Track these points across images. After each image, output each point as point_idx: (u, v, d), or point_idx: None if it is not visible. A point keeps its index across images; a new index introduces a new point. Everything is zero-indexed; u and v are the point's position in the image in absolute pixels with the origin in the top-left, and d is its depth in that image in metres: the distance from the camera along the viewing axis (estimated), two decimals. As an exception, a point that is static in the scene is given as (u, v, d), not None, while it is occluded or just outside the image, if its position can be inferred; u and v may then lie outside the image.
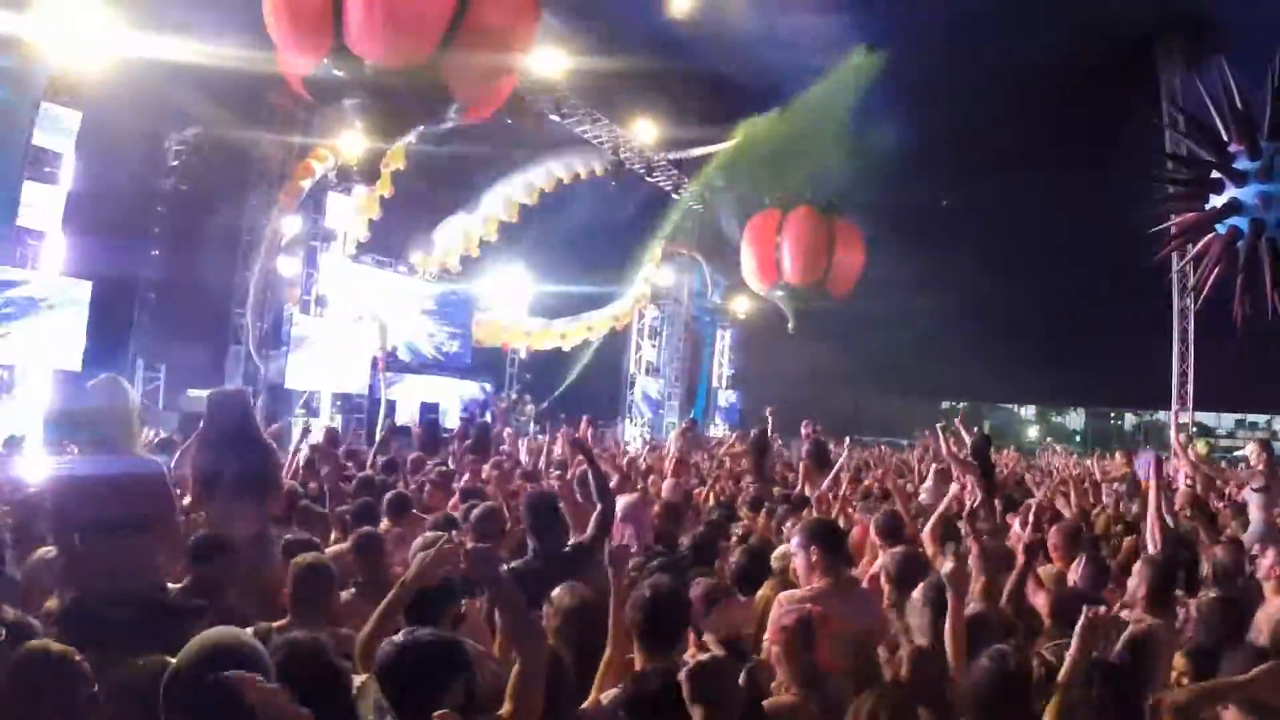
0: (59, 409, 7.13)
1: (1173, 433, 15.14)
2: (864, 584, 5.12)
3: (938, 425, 10.57)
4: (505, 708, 3.00)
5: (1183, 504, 9.30)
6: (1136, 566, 5.00)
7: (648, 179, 25.39)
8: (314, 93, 10.99)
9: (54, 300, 12.86)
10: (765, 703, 3.65)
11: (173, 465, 5.83)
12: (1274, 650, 3.98)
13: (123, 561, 4.25)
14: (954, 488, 6.35)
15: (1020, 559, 4.85)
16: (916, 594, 4.26)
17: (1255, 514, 8.30)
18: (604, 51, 16.13)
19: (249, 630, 2.72)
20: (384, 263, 19.48)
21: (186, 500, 5.40)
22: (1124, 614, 4.58)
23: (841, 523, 6.39)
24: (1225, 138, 9.14)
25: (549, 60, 15.19)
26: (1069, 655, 3.24)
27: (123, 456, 4.49)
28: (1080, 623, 3.24)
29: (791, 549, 4.85)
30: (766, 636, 4.21)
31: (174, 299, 13.62)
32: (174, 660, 2.32)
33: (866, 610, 4.51)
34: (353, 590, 4.72)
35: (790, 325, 20.63)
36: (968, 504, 6.70)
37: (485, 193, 20.91)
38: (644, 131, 19.87)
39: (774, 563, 5.34)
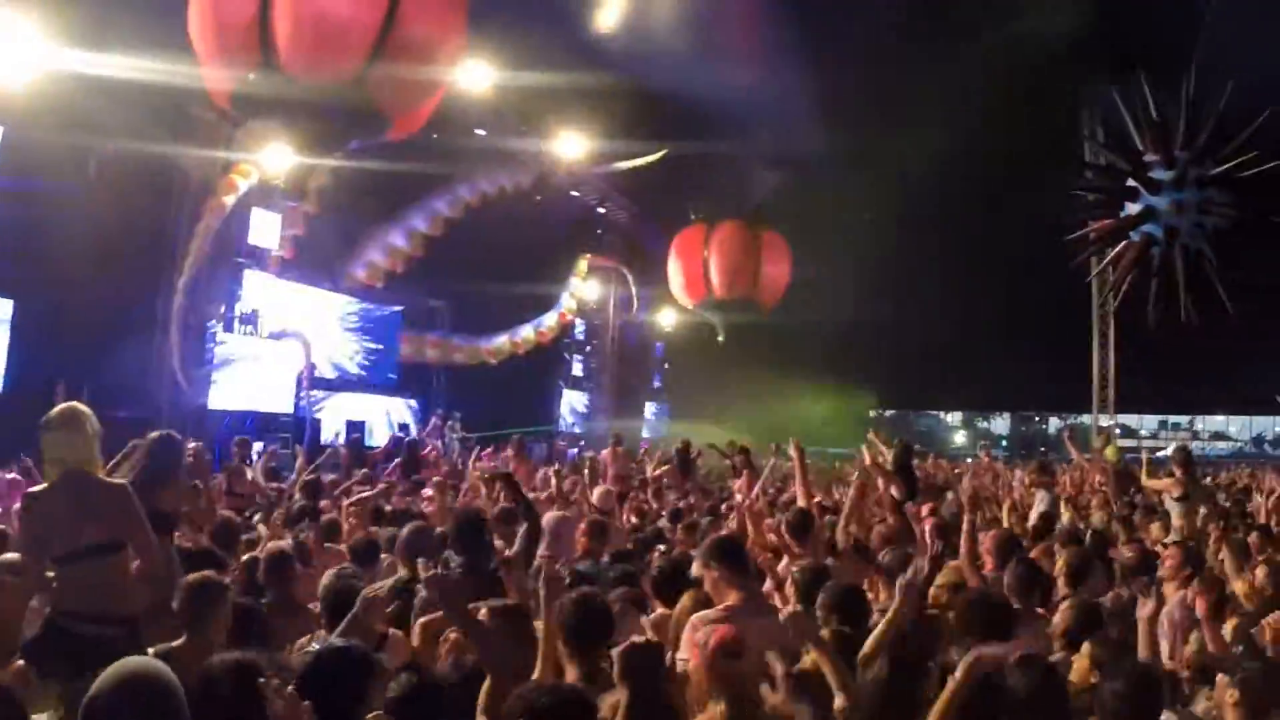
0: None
1: (1068, 447, 15.64)
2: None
3: (866, 439, 10.78)
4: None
5: (1100, 505, 9.65)
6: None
7: (574, 193, 25.46)
8: (240, 108, 10.85)
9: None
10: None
11: None
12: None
13: (98, 584, 4.34)
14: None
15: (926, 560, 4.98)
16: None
17: (1176, 522, 8.60)
18: (531, 65, 16.14)
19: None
20: (308, 279, 19.18)
21: None
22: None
23: (753, 534, 6.49)
24: (1141, 148, 9.54)
25: (475, 74, 15.14)
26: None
27: (93, 483, 4.53)
28: None
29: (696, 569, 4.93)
30: (681, 654, 4.25)
31: (96, 318, 13.26)
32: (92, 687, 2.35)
33: (778, 624, 4.54)
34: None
35: (719, 338, 20.83)
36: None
37: (411, 208, 20.73)
38: (571, 146, 19.90)
39: (695, 573, 5.36)
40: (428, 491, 9.01)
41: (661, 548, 6.76)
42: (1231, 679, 3.46)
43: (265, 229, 17.02)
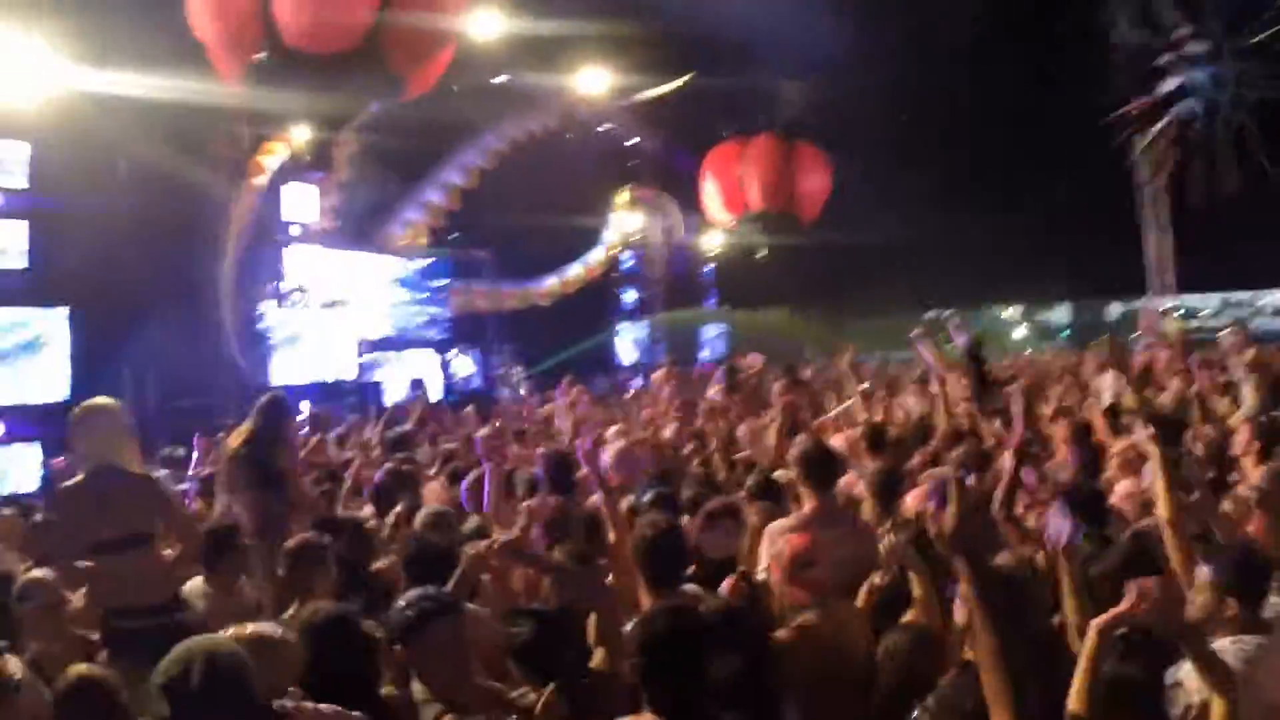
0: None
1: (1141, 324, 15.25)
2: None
3: (916, 334, 10.56)
4: (598, 654, 3.40)
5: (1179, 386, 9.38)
6: None
7: (603, 128, 25.18)
8: (255, 89, 10.88)
9: (33, 333, 12.88)
10: (778, 634, 3.74)
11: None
12: None
13: (126, 577, 4.49)
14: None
15: (1009, 464, 4.84)
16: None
17: (1252, 399, 8.30)
18: (541, 12, 15.88)
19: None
20: (351, 246, 19.35)
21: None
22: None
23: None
24: (1174, 23, 9.16)
25: (484, 23, 14.93)
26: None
27: (121, 475, 4.67)
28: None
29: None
30: (761, 565, 4.32)
31: (149, 315, 13.54)
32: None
33: (853, 534, 4.58)
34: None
35: (761, 254, 20.58)
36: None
37: (443, 163, 20.71)
38: (593, 82, 19.62)
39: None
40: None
41: None
42: None
43: (301, 203, 17.15)
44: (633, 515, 4.89)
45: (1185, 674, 3.03)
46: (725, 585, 4.01)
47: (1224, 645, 3.11)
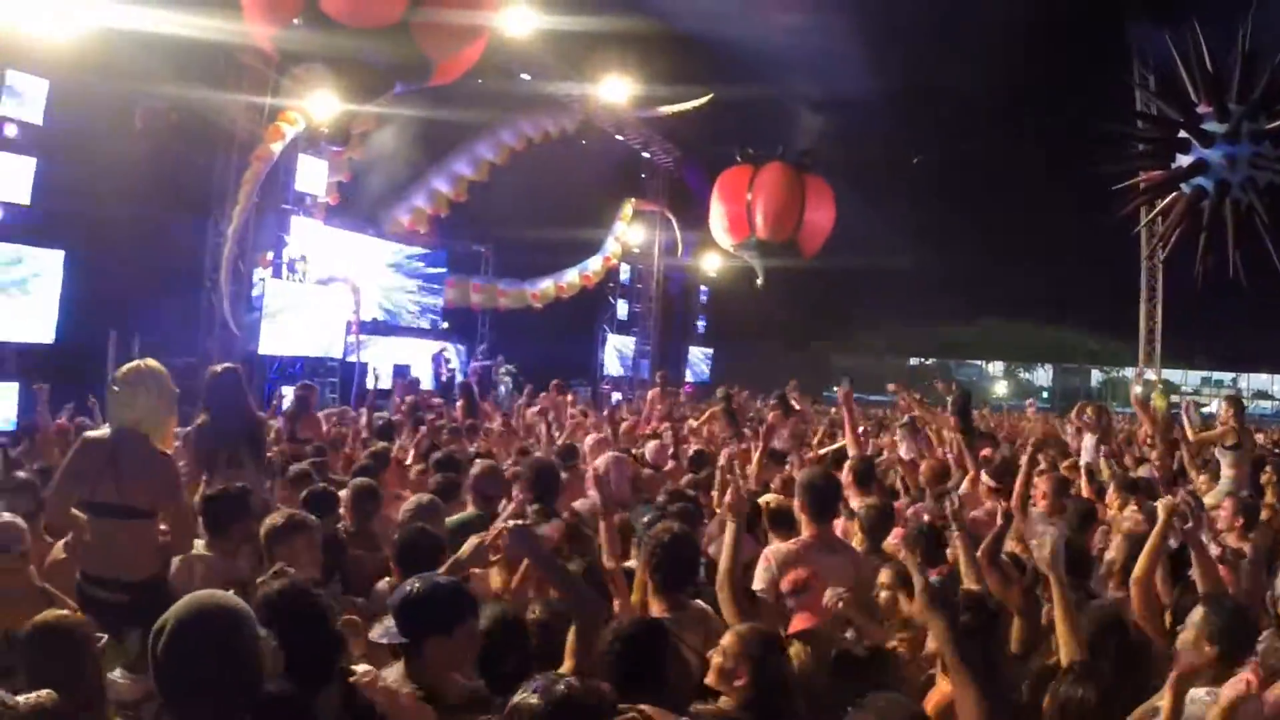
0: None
1: (1133, 390, 15.43)
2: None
3: (893, 386, 10.78)
4: (567, 664, 3.28)
5: (1158, 457, 9.52)
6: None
7: (618, 137, 25.33)
8: (285, 55, 10.93)
9: (27, 271, 12.75)
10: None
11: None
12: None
13: (111, 546, 4.39)
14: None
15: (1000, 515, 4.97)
16: None
17: (1227, 471, 8.48)
18: (575, 10, 16.02)
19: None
20: (354, 225, 19.36)
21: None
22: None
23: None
24: (1194, 99, 9.30)
25: (518, 19, 15.05)
26: None
27: (141, 447, 4.55)
28: None
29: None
30: (757, 585, 4.39)
31: (146, 268, 13.46)
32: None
33: (852, 562, 4.68)
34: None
35: (759, 281, 20.67)
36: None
37: (455, 153, 20.76)
38: (614, 90, 19.76)
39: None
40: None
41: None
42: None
43: (312, 176, 17.12)
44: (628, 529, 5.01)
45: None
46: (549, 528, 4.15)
47: (1198, 694, 3.19)
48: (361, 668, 2.98)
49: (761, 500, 5.70)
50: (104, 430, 4.67)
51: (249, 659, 2.37)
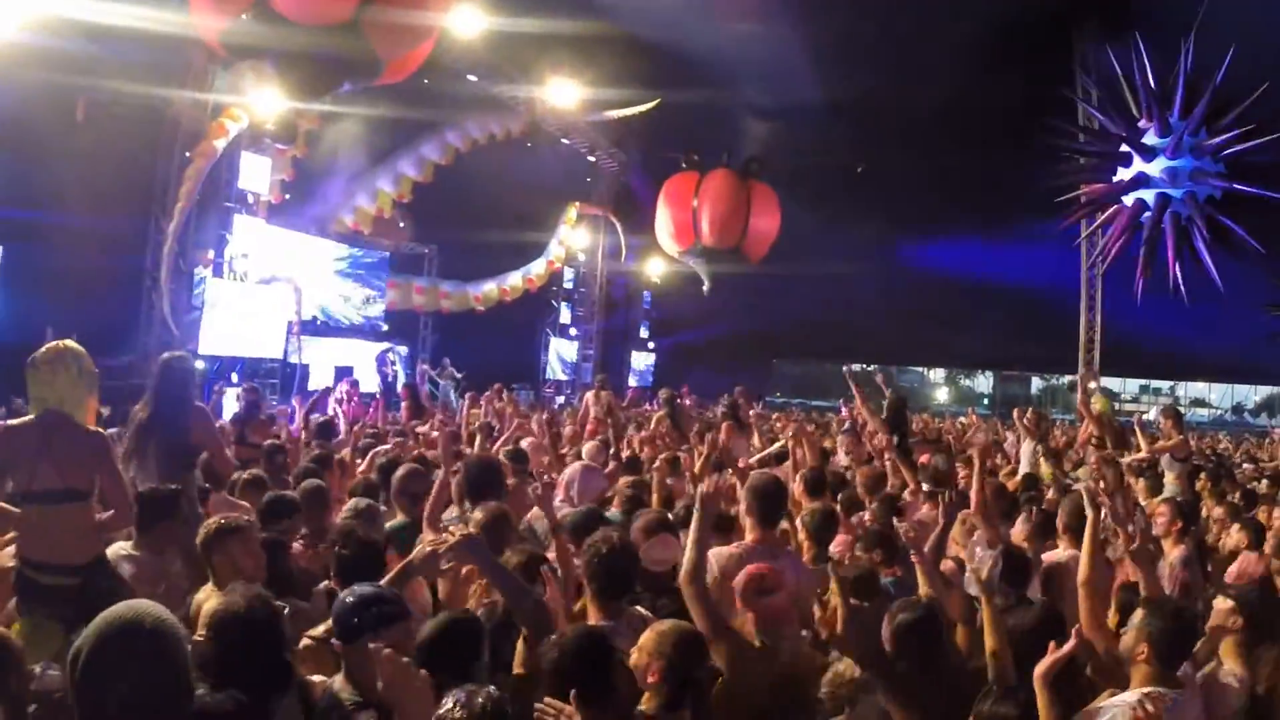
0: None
1: (1078, 394, 15.76)
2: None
3: (848, 375, 10.93)
4: (517, 669, 3.34)
5: (1095, 462, 9.75)
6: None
7: (564, 141, 25.27)
8: (231, 51, 10.72)
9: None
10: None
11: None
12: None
13: (52, 529, 4.29)
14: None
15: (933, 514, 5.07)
16: None
17: (1173, 484, 8.66)
18: (523, 12, 15.96)
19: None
20: (297, 224, 19.07)
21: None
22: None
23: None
24: (1137, 113, 9.55)
25: (467, 20, 14.95)
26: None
27: (69, 427, 4.45)
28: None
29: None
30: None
31: (84, 263, 13.14)
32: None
33: (792, 565, 4.70)
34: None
35: (705, 288, 20.77)
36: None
37: (400, 154, 20.57)
38: (562, 93, 19.73)
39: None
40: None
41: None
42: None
43: (255, 173, 16.82)
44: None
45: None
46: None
47: (1125, 698, 3.29)
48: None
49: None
50: (26, 418, 4.53)
51: (176, 673, 2.21)
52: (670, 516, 5.36)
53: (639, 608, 4.05)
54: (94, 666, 2.12)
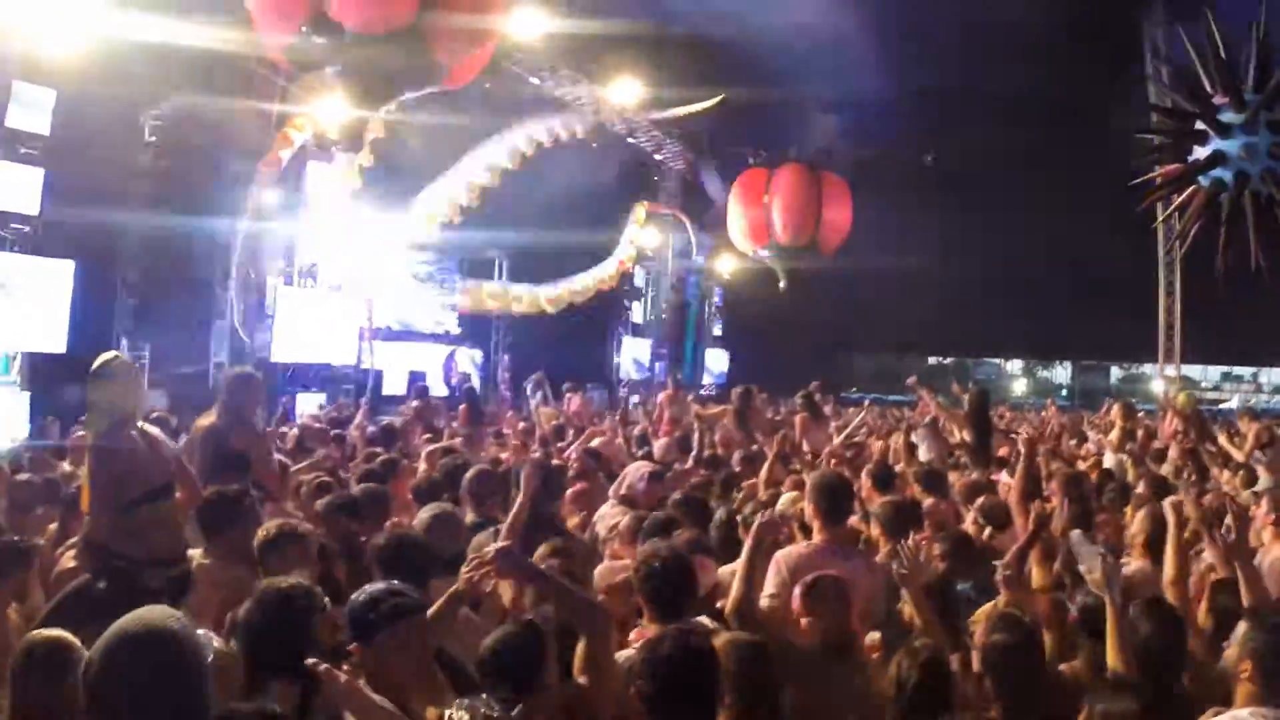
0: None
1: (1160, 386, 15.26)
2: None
3: (911, 381, 10.72)
4: (583, 679, 3.24)
5: (1179, 456, 9.42)
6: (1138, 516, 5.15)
7: (630, 140, 25.25)
8: (295, 62, 10.91)
9: (36, 282, 12.75)
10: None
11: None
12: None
13: (161, 526, 4.46)
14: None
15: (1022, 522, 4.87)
16: None
17: (1266, 477, 8.27)
18: (585, 13, 15.96)
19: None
20: (366, 232, 19.32)
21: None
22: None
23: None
24: (1210, 90, 9.15)
25: (528, 22, 15.00)
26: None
27: (135, 427, 4.61)
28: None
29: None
30: (768, 590, 4.26)
31: (155, 277, 13.50)
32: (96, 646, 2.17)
33: (864, 566, 4.54)
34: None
35: (781, 285, 20.58)
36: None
37: (465, 158, 20.71)
38: (626, 92, 19.69)
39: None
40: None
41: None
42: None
43: (322, 182, 17.12)
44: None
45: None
46: None
47: (1241, 715, 3.09)
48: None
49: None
50: (122, 429, 4.60)
51: (193, 686, 2.14)
52: (712, 534, 5.23)
53: (704, 618, 3.94)
54: (105, 686, 2.08)
